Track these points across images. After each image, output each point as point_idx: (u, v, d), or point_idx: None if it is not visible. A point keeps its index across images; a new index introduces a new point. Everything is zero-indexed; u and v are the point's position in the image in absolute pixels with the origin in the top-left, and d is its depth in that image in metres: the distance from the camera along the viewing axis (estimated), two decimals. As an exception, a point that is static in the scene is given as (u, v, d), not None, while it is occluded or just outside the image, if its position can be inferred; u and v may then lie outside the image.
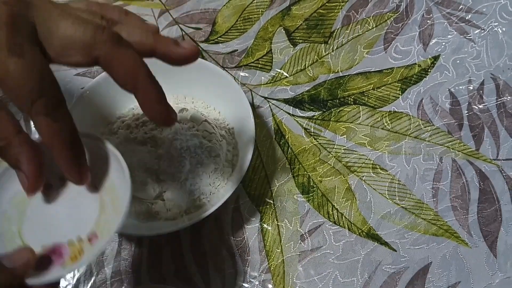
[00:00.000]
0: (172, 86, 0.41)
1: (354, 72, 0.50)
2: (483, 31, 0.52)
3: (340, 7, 0.55)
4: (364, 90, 0.48)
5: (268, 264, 0.39)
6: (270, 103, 0.48)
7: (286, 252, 0.40)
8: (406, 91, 0.48)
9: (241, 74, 0.50)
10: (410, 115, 0.47)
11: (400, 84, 0.49)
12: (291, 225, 0.41)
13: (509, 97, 0.47)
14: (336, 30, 0.53)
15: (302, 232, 0.41)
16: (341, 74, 0.50)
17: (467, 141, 0.45)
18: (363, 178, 0.43)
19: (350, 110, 0.47)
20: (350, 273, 0.39)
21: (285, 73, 0.50)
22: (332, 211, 0.42)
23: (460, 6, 0.54)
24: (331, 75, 0.50)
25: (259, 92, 0.49)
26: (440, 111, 0.47)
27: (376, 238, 0.40)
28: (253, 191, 0.43)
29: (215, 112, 0.44)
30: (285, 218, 0.41)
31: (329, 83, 0.49)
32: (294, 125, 0.46)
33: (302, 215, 0.41)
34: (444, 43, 0.51)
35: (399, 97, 0.48)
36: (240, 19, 0.54)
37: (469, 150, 0.45)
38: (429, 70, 0.49)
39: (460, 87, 0.48)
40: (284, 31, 0.53)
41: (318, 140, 0.45)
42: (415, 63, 0.50)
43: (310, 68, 0.50)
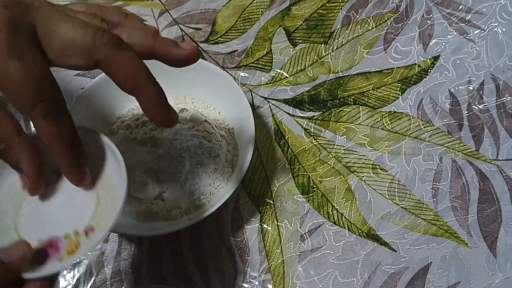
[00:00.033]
0: (172, 87, 0.41)
1: (354, 73, 0.50)
2: (483, 31, 0.52)
3: (340, 7, 0.55)
4: (364, 90, 0.48)
5: (268, 264, 0.39)
6: (270, 104, 0.48)
7: (286, 253, 0.40)
8: (406, 91, 0.48)
9: (241, 74, 0.50)
10: (410, 115, 0.47)
11: (400, 85, 0.49)
12: (291, 225, 0.41)
13: (509, 98, 0.47)
14: (336, 31, 0.53)
15: (302, 232, 0.41)
16: (341, 75, 0.50)
17: (467, 141, 0.45)
18: (363, 179, 0.43)
19: (350, 111, 0.47)
20: (350, 274, 0.39)
21: (285, 73, 0.50)
22: (332, 211, 0.42)
23: (460, 7, 0.54)
24: (331, 75, 0.50)
25: (259, 93, 0.49)
26: (440, 111, 0.47)
27: (376, 239, 0.40)
28: (253, 191, 0.43)
29: (215, 112, 0.44)
30: (285, 218, 0.41)
31: (329, 84, 0.49)
32: (294, 126, 0.46)
33: (302, 215, 0.41)
34: (444, 44, 0.51)
35: (399, 98, 0.48)
36: (240, 19, 0.54)
37: (469, 151, 0.45)
38: (429, 71, 0.49)
39: (460, 87, 0.48)
40: (284, 31, 0.53)
41: (318, 140, 0.45)
42: (415, 64, 0.50)
43: (310, 69, 0.50)
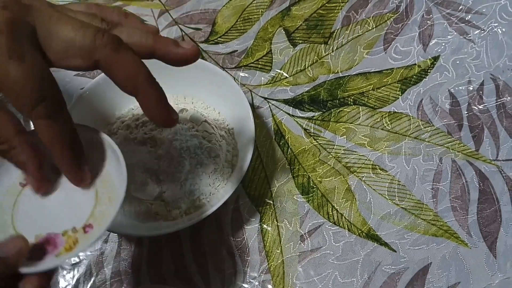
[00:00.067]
0: (172, 87, 0.41)
1: (354, 73, 0.50)
2: (483, 31, 0.52)
3: (340, 7, 0.55)
4: (364, 90, 0.48)
5: (268, 264, 0.39)
6: (270, 104, 0.48)
7: (286, 253, 0.40)
8: (406, 91, 0.48)
9: (241, 74, 0.50)
10: (410, 115, 0.47)
11: (400, 85, 0.49)
12: (291, 225, 0.41)
13: (508, 98, 0.47)
14: (336, 31, 0.53)
15: (302, 232, 0.41)
16: (341, 75, 0.50)
17: (466, 141, 0.45)
18: (363, 179, 0.43)
19: (350, 111, 0.47)
20: (350, 274, 0.39)
21: (285, 74, 0.50)
22: (332, 211, 0.42)
23: (460, 7, 0.54)
24: (331, 75, 0.50)
25: (259, 93, 0.49)
26: (440, 111, 0.47)
27: (375, 239, 0.40)
28: (253, 191, 0.43)
29: (215, 112, 0.44)
30: (285, 218, 0.41)
31: (329, 84, 0.49)
32: (294, 126, 0.46)
33: (302, 215, 0.41)
34: (444, 44, 0.51)
35: (399, 98, 0.48)
36: (240, 19, 0.54)
37: (469, 151, 0.45)
38: (429, 71, 0.49)
39: (460, 87, 0.48)
40: (284, 32, 0.53)
41: (318, 140, 0.45)
42: (415, 64, 0.50)
43: (310, 69, 0.50)
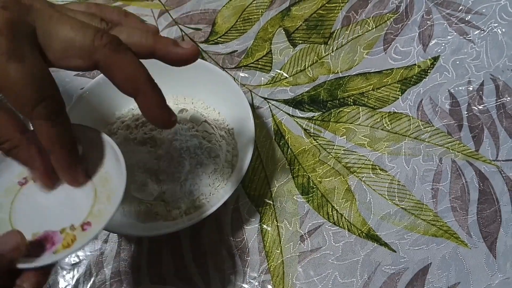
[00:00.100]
0: (171, 87, 0.41)
1: (354, 73, 0.50)
2: (482, 32, 0.52)
3: (340, 7, 0.55)
4: (364, 91, 0.48)
5: (268, 264, 0.39)
6: (270, 104, 0.48)
7: (286, 253, 0.40)
8: (406, 92, 0.48)
9: (240, 74, 0.50)
10: (409, 116, 0.47)
11: (399, 85, 0.49)
12: (291, 225, 0.41)
13: (508, 98, 0.47)
14: (336, 31, 0.53)
15: (302, 232, 0.41)
16: (340, 75, 0.50)
17: (466, 142, 0.45)
18: (363, 179, 0.43)
19: (350, 111, 0.47)
20: (350, 274, 0.39)
21: (285, 74, 0.50)
22: (332, 211, 0.42)
23: (460, 7, 0.54)
24: (330, 75, 0.50)
25: (259, 93, 0.49)
26: (439, 112, 0.47)
27: (375, 239, 0.40)
28: (252, 191, 0.43)
29: (215, 112, 0.44)
30: (285, 218, 0.41)
31: (329, 84, 0.49)
32: (294, 126, 0.46)
33: (302, 215, 0.41)
34: (443, 44, 0.51)
35: (398, 98, 0.48)
36: (240, 19, 0.54)
37: (469, 151, 0.45)
38: (429, 71, 0.50)
39: (460, 88, 0.48)
40: (284, 32, 0.53)
41: (317, 140, 0.45)
42: (415, 64, 0.50)
43: (310, 69, 0.50)
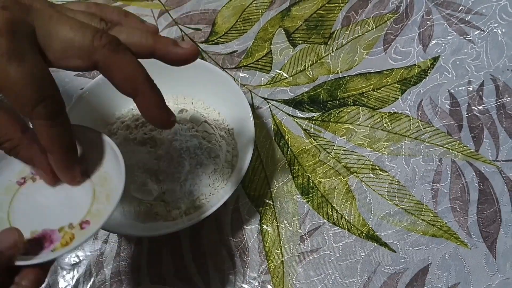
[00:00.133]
0: (171, 87, 0.41)
1: (354, 73, 0.50)
2: (482, 32, 0.52)
3: (340, 8, 0.55)
4: (364, 91, 0.48)
5: (268, 265, 0.39)
6: (270, 104, 0.48)
7: (286, 253, 0.40)
8: (406, 92, 0.48)
9: (240, 75, 0.50)
10: (409, 116, 0.47)
11: (399, 85, 0.49)
12: (291, 226, 0.41)
13: (508, 98, 0.47)
14: (336, 31, 0.53)
15: (302, 233, 0.41)
16: (340, 75, 0.50)
17: (466, 142, 0.45)
18: (363, 179, 0.43)
19: (350, 111, 0.47)
20: (350, 274, 0.39)
21: (284, 74, 0.50)
22: (332, 212, 0.42)
23: (460, 7, 0.54)
24: (330, 76, 0.50)
25: (259, 93, 0.49)
26: (439, 112, 0.47)
27: (375, 239, 0.40)
28: (252, 192, 0.43)
29: (215, 112, 0.44)
30: (285, 219, 0.41)
31: (328, 84, 0.49)
32: (294, 126, 0.46)
33: (302, 216, 0.41)
34: (443, 44, 0.51)
35: (398, 98, 0.48)
36: (240, 19, 0.54)
37: (469, 151, 0.45)
38: (429, 71, 0.50)
39: (460, 88, 0.48)
40: (283, 32, 0.53)
41: (317, 141, 0.45)
42: (415, 64, 0.50)
43: (309, 69, 0.50)
